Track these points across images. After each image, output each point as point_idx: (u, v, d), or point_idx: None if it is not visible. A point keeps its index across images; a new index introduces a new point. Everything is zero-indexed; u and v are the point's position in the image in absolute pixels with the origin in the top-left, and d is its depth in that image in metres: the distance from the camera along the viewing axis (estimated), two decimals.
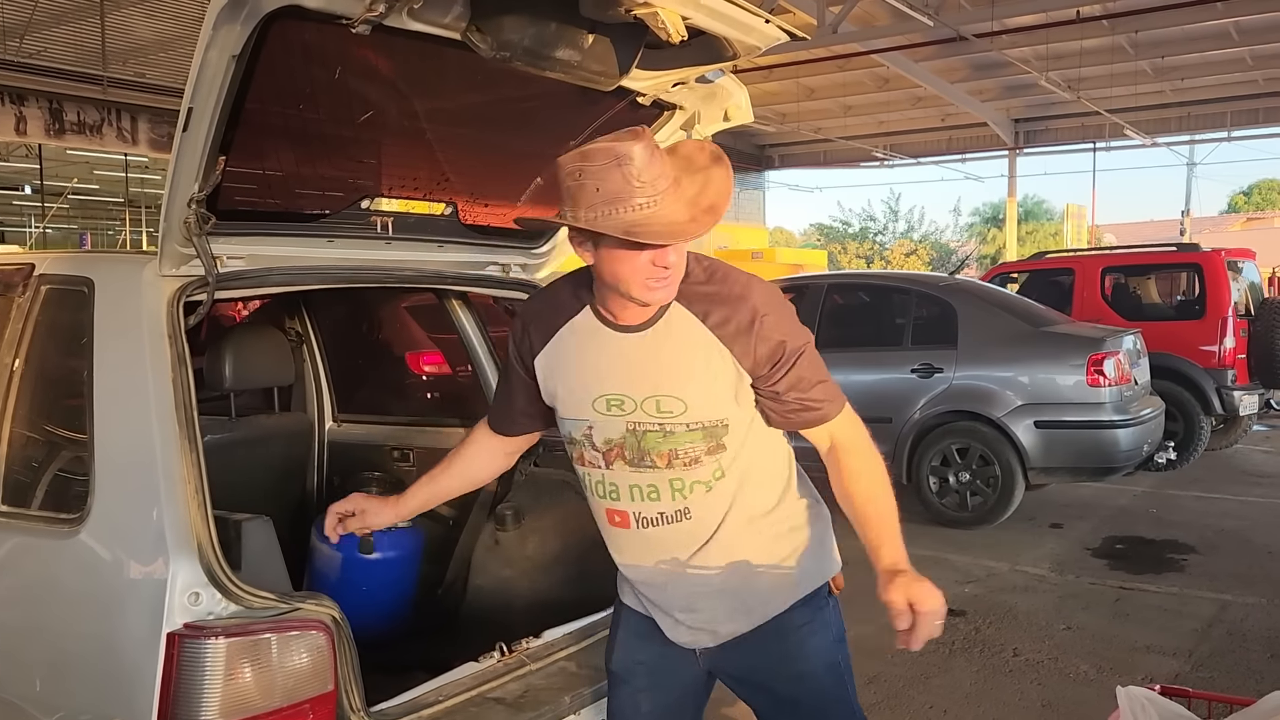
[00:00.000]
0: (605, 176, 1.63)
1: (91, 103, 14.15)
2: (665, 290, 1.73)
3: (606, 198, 1.63)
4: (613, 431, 1.83)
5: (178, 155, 1.86)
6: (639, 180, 1.62)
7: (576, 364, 1.86)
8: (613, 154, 1.63)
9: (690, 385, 1.78)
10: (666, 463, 1.81)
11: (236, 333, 3.19)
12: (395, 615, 3.11)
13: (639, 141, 1.64)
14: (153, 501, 1.83)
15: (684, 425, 1.79)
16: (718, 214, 1.71)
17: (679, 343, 1.79)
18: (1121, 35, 16.09)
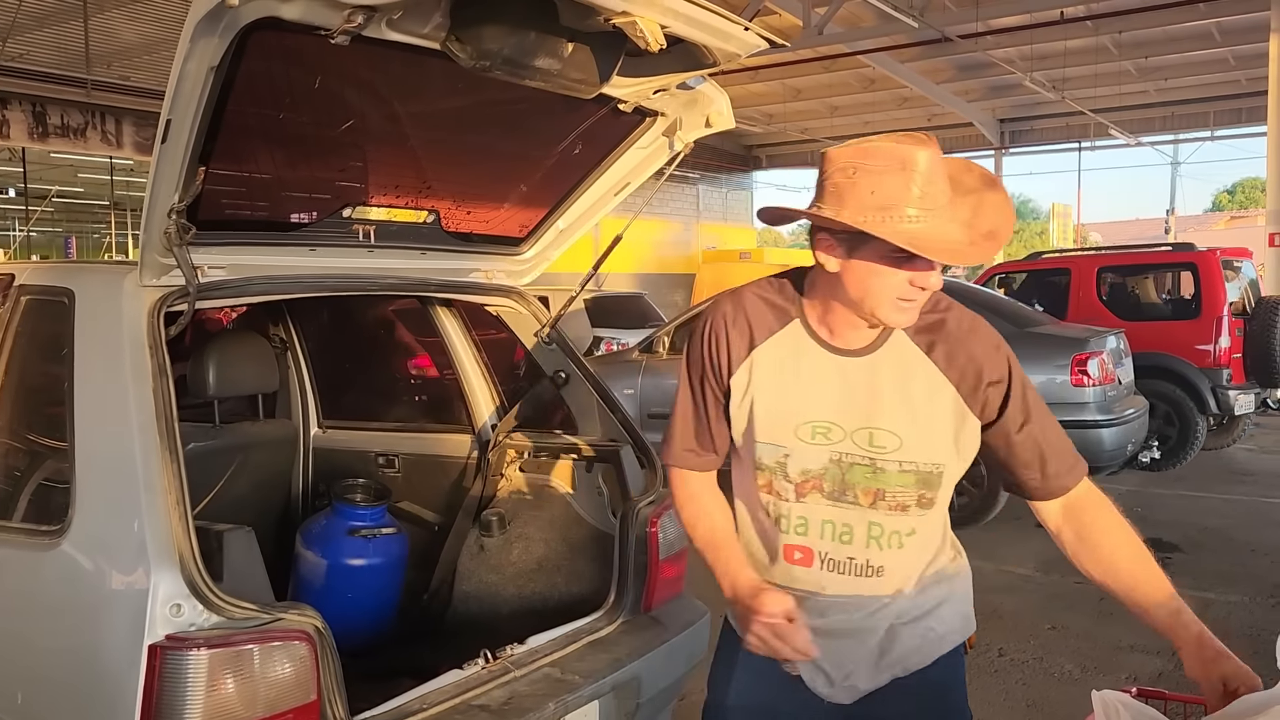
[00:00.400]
0: (883, 179, 1.47)
1: (75, 106, 14.09)
2: (911, 313, 1.57)
3: (881, 202, 1.46)
4: (813, 462, 1.64)
5: (157, 166, 1.86)
6: (919, 190, 1.46)
7: (778, 384, 1.65)
8: (897, 157, 1.47)
9: (910, 421, 1.61)
10: (871, 501, 1.63)
11: (220, 340, 3.18)
12: (380, 622, 3.12)
13: (925, 148, 1.48)
14: (134, 513, 1.82)
15: (896, 464, 1.61)
16: (998, 241, 1.53)
17: (901, 373, 1.62)
18: (1105, 36, 16.21)
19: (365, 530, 3.03)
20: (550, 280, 4.48)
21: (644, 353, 8.06)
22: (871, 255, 1.50)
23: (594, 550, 2.96)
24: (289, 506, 3.63)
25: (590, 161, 2.75)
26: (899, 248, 1.45)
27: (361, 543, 3.03)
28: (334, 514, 3.07)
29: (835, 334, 1.64)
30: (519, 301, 2.95)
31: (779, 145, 26.99)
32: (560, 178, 2.78)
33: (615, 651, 2.56)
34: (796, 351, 1.66)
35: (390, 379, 3.70)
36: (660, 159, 2.74)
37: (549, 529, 3.06)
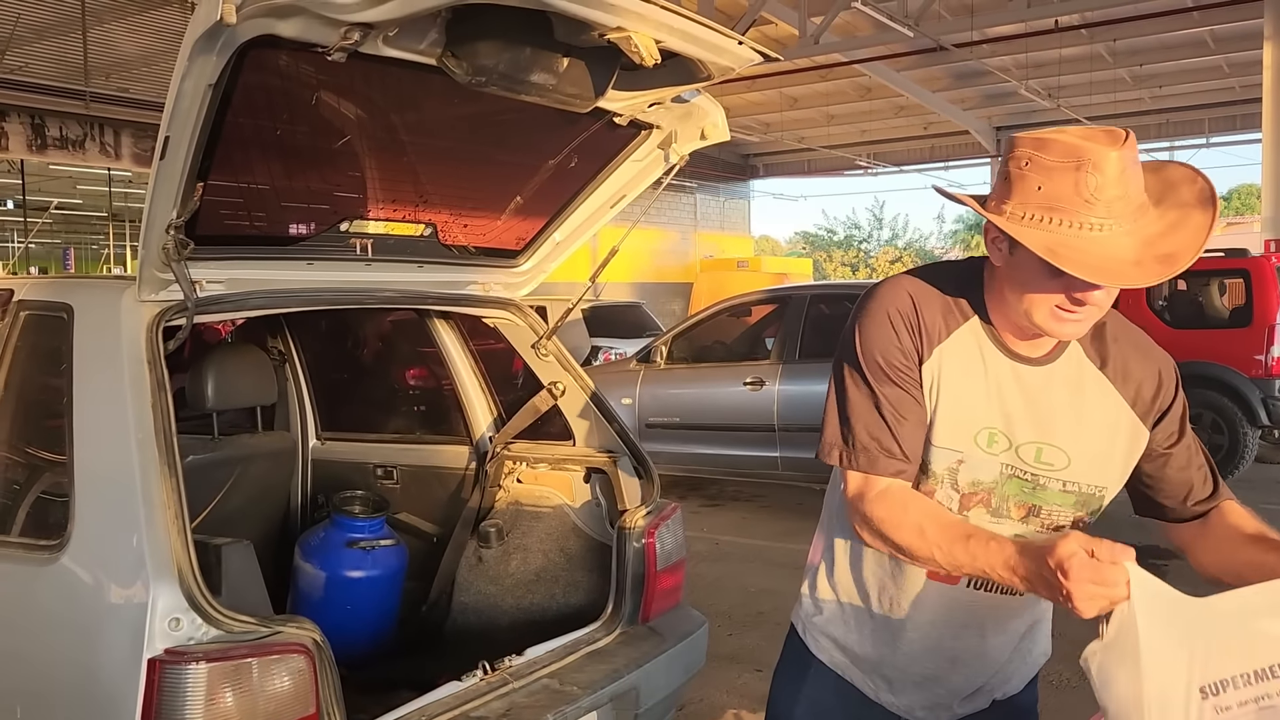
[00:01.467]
0: (1055, 175, 1.33)
1: (74, 118, 14.12)
2: (1076, 326, 1.43)
3: (1047, 201, 1.33)
4: (984, 473, 1.51)
5: (155, 182, 1.87)
6: (1094, 195, 1.31)
7: (965, 384, 1.51)
8: (1075, 153, 1.32)
9: (1081, 439, 1.51)
10: (1023, 516, 1.52)
11: (218, 352, 3.20)
12: (379, 634, 3.12)
13: (1114, 148, 1.32)
14: (133, 527, 1.83)
15: (1060, 483, 1.51)
16: (1174, 267, 1.33)
17: (1077, 388, 1.52)
18: (1100, 44, 16.28)
19: (364, 542, 3.04)
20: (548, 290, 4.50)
21: (642, 362, 8.07)
22: (1030, 257, 1.35)
23: (592, 561, 2.96)
24: (288, 518, 3.64)
25: (586, 174, 2.77)
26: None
27: (360, 555, 3.03)
28: (332, 526, 3.08)
29: (1011, 338, 1.51)
30: (516, 313, 2.96)
31: (776, 154, 27.07)
32: (557, 190, 2.80)
33: (613, 662, 2.57)
34: (977, 350, 1.52)
35: (388, 391, 3.71)
36: (656, 171, 2.76)
37: (547, 540, 3.07)
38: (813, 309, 7.81)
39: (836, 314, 8.24)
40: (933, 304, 1.52)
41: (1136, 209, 1.34)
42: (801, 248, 46.12)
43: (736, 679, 4.20)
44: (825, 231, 44.70)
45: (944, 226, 47.19)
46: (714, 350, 8.14)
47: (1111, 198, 1.32)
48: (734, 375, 7.52)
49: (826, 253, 43.12)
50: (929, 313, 1.51)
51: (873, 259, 41.31)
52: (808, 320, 7.66)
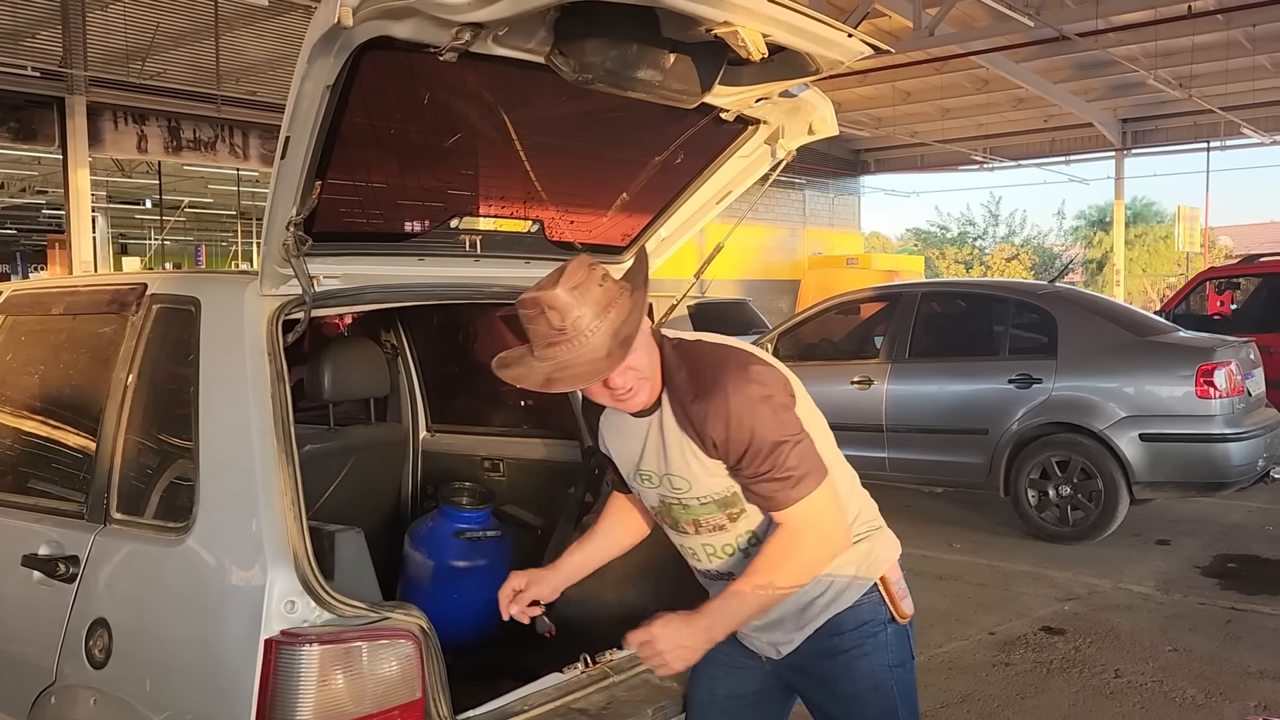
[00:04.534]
0: (535, 322, 1.79)
1: (206, 120, 14.83)
2: (634, 400, 1.90)
3: (541, 339, 1.79)
4: (651, 500, 2.07)
5: (276, 181, 1.95)
6: (560, 325, 1.76)
7: (618, 438, 2.08)
8: (535, 304, 1.78)
9: (685, 467, 1.93)
10: (694, 529, 2.03)
11: (335, 346, 3.30)
12: (483, 623, 3.17)
13: (555, 287, 1.76)
14: (252, 512, 1.91)
15: (696, 500, 1.97)
16: (629, 344, 1.77)
17: (669, 429, 1.93)
18: (1238, 29, 15.43)
19: (470, 533, 3.10)
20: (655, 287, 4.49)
21: None
22: None
23: None
24: (398, 508, 3.74)
25: (692, 170, 2.76)
26: None
27: (467, 545, 3.09)
28: (440, 516, 3.15)
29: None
30: None
31: (888, 149, 26.54)
32: (662, 186, 2.80)
33: None
34: (621, 415, 2.01)
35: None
36: (763, 167, 2.73)
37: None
38: (924, 307, 7.64)
39: (948, 312, 8.04)
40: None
41: (600, 310, 1.78)
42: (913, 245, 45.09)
43: None
44: (938, 228, 43.66)
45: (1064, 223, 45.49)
46: (821, 348, 8.04)
47: (573, 319, 1.76)
48: (842, 373, 7.40)
49: (939, 250, 42.08)
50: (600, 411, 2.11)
51: (988, 256, 40.12)
52: (918, 318, 7.49)
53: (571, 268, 1.79)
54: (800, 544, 1.90)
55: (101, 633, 2.15)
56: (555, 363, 1.78)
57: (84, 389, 2.63)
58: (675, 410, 1.92)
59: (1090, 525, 6.66)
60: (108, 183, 21.05)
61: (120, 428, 2.33)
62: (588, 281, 1.79)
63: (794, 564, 1.91)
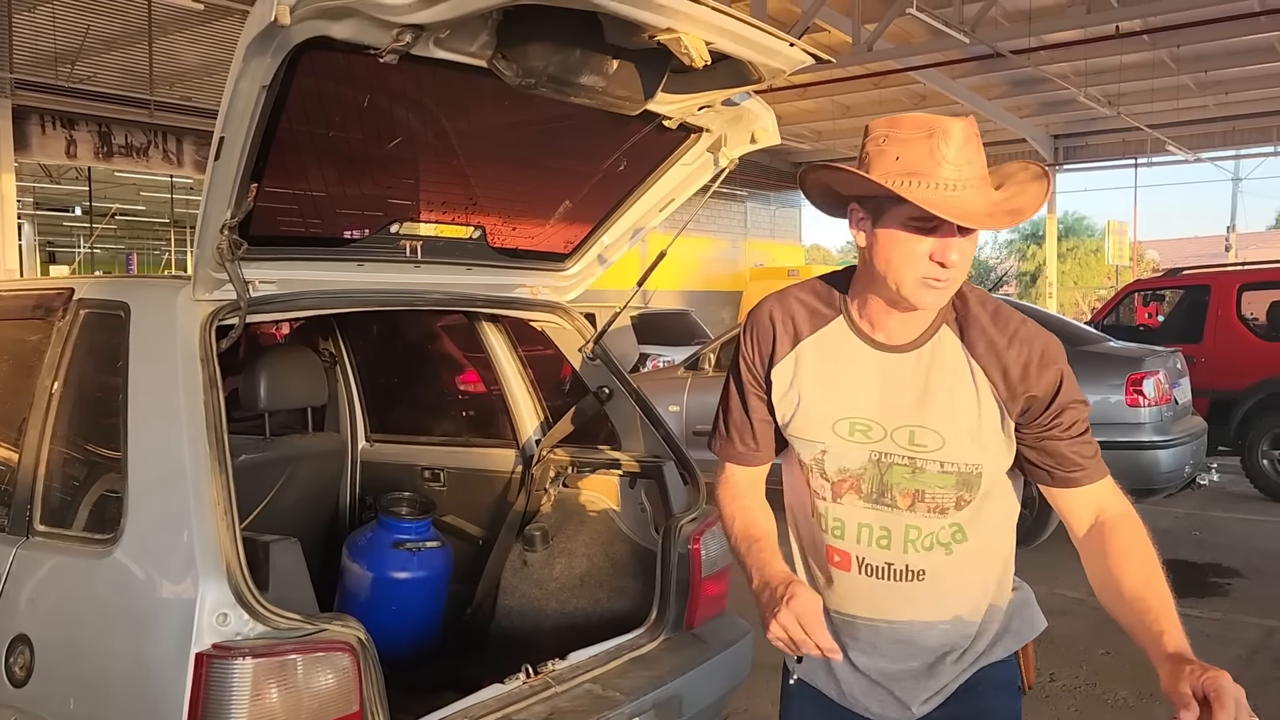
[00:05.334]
0: (910, 146, 1.47)
1: (139, 126, 14.47)
2: (938, 293, 1.52)
3: (905, 167, 1.46)
4: (850, 460, 1.61)
5: (210, 183, 1.90)
6: (945, 159, 1.45)
7: (819, 379, 1.64)
8: (925, 125, 1.47)
9: (952, 419, 1.57)
10: (910, 503, 1.59)
11: (271, 354, 3.24)
12: (424, 635, 3.13)
13: (960, 120, 1.48)
14: (183, 523, 1.86)
15: (937, 464, 1.58)
16: (1020, 217, 1.51)
17: (945, 371, 1.58)
18: (1163, 50, 15.91)
19: (410, 543, 3.06)
20: (597, 296, 4.50)
21: (689, 370, 8.06)
22: (893, 223, 1.49)
23: (637, 567, 2.95)
24: (336, 519, 3.67)
25: (635, 178, 2.76)
26: (918, 216, 1.45)
27: (406, 556, 3.05)
28: (380, 527, 3.10)
29: (878, 328, 1.61)
30: (563, 317, 2.96)
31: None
32: (605, 194, 2.80)
33: (657, 669, 2.55)
34: (840, 347, 1.64)
35: (436, 394, 3.74)
36: (705, 175, 2.75)
37: (592, 545, 3.06)
38: None
39: None
40: (790, 312, 1.68)
41: (981, 178, 1.48)
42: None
43: None
44: None
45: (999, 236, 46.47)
46: None
47: (958, 160, 1.46)
48: None
49: None
50: (783, 321, 1.67)
51: None
52: None
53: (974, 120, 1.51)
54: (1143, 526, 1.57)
55: (22, 649, 2.07)
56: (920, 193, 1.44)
57: (6, 397, 2.55)
58: (973, 347, 1.58)
59: (1025, 532, 6.78)
60: (34, 189, 20.44)
61: (45, 437, 2.25)
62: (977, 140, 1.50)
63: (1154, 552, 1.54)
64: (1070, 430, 1.57)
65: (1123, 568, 1.52)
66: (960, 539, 1.61)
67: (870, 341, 1.62)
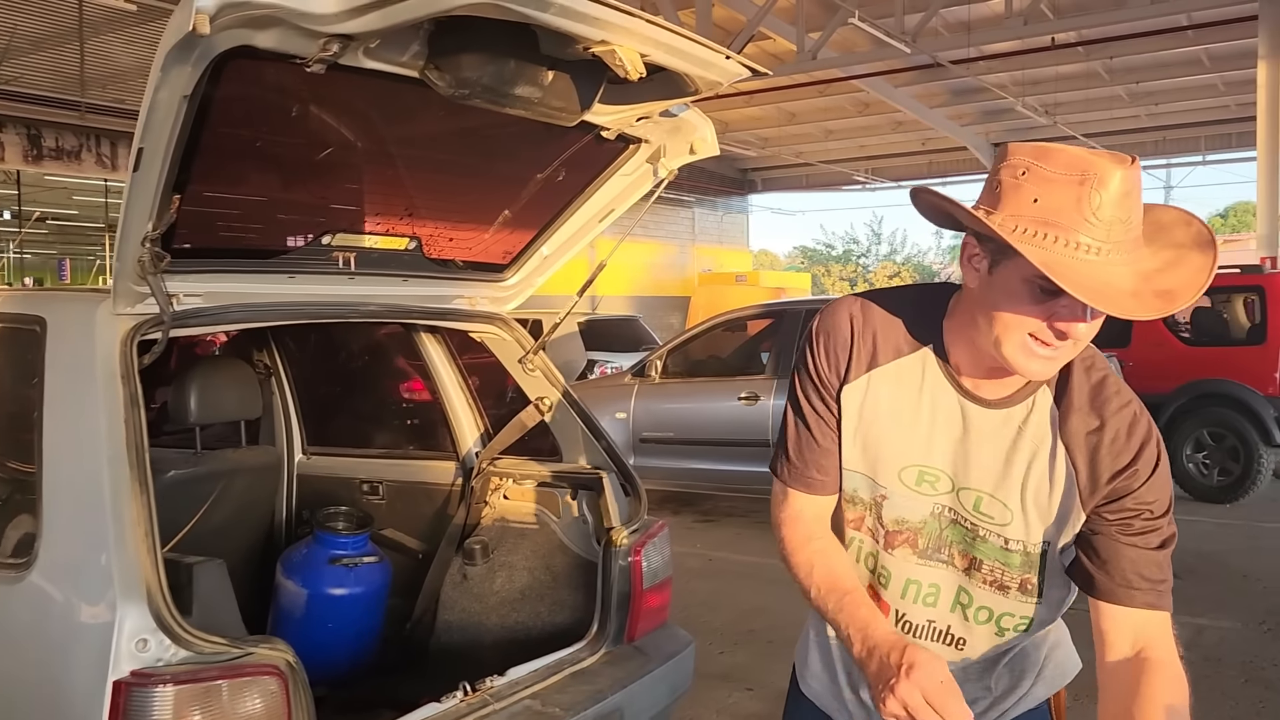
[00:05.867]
0: (1055, 189, 1.21)
1: (70, 129, 14.11)
2: (1045, 365, 1.29)
3: (1043, 214, 1.21)
4: (911, 512, 1.43)
5: (129, 194, 1.84)
6: (1095, 215, 1.19)
7: (894, 415, 1.43)
8: (1079, 166, 1.21)
9: (1024, 495, 1.38)
10: (966, 566, 1.43)
11: (202, 366, 3.16)
12: (361, 652, 3.08)
13: (1122, 167, 1.21)
14: (101, 545, 1.79)
15: (1001, 540, 1.40)
16: (1172, 304, 1.21)
17: (1031, 440, 1.38)
18: (1096, 61, 16.32)
19: (346, 559, 3.00)
20: (544, 303, 4.46)
21: (636, 377, 8.04)
22: (1012, 276, 1.25)
23: (578, 579, 2.92)
24: (272, 534, 3.59)
25: (574, 188, 2.74)
26: (1042, 274, 1.18)
27: (343, 572, 2.99)
28: (315, 542, 3.04)
29: (969, 374, 1.40)
30: (502, 328, 2.93)
31: (774, 169, 27.12)
32: (544, 205, 2.77)
33: (597, 683, 2.53)
34: (921, 384, 1.42)
35: (375, 405, 3.68)
36: (645, 185, 2.74)
37: (533, 557, 3.03)
38: (808, 323, 7.73)
39: None
40: (876, 327, 1.44)
41: (1134, 240, 1.22)
42: (800, 262, 46.17)
43: (727, 698, 4.15)
44: (824, 246, 44.81)
45: (943, 242, 47.26)
46: (709, 365, 8.12)
47: (1112, 219, 1.20)
48: (729, 390, 7.48)
49: (825, 267, 43.17)
50: (866, 335, 1.44)
51: (871, 274, 41.34)
52: (802, 334, 7.61)
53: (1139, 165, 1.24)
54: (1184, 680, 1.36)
55: None
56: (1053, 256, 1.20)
57: None
58: (1064, 422, 1.37)
59: None
60: None
61: None
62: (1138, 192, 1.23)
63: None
64: (1136, 538, 1.36)
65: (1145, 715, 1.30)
66: (1022, 629, 1.44)
67: (957, 385, 1.40)
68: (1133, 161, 1.22)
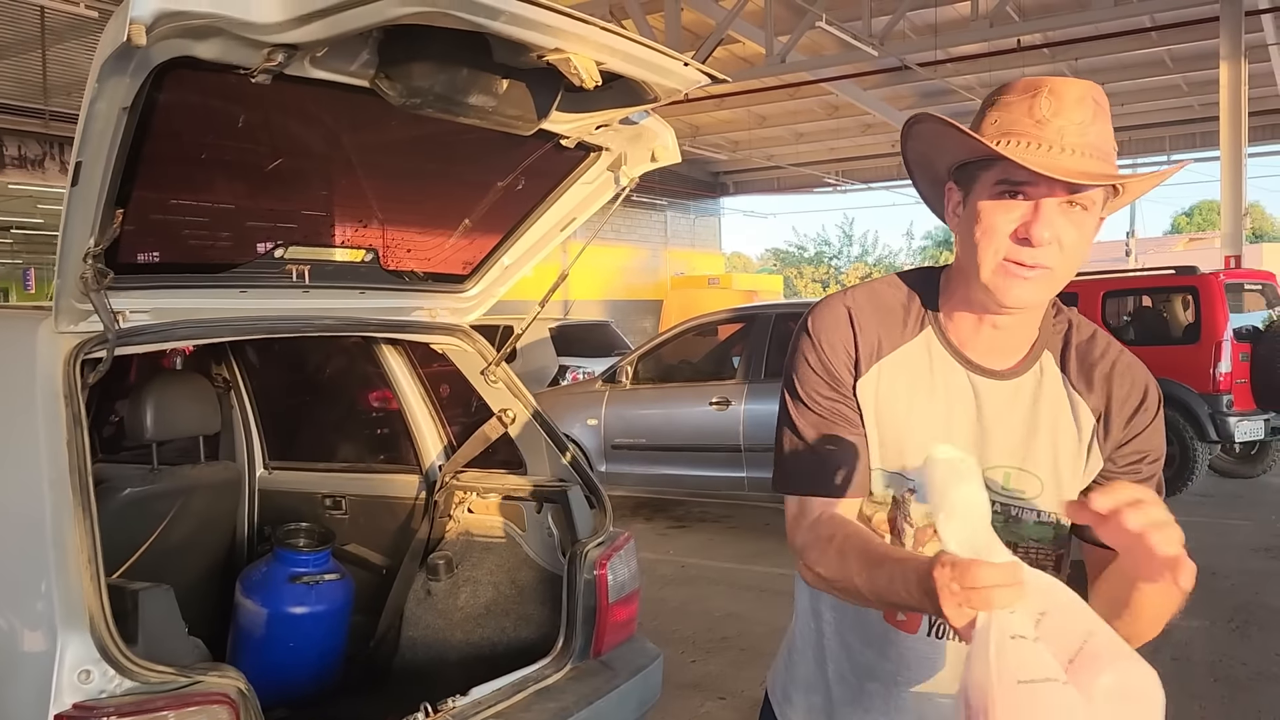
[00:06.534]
0: (1011, 106, 1.25)
1: (33, 136, 13.91)
2: (1023, 284, 1.24)
3: (1000, 129, 1.24)
4: None
5: (68, 210, 1.79)
6: (1045, 117, 1.21)
7: (910, 403, 1.37)
8: (1034, 84, 1.25)
9: (1054, 463, 1.34)
10: None
11: (158, 381, 3.09)
12: (323, 671, 3.02)
13: (1078, 82, 1.25)
14: (41, 572, 1.73)
15: (1035, 513, 1.35)
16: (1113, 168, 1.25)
17: (1049, 406, 1.35)
18: (1062, 62, 16.47)
19: (307, 577, 2.94)
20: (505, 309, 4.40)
21: (608, 383, 8.00)
22: (981, 194, 1.25)
23: (544, 593, 2.88)
24: (233, 552, 3.52)
25: (534, 197, 2.71)
26: (1004, 179, 1.21)
27: (303, 590, 2.93)
28: (275, 560, 2.98)
29: (973, 347, 1.36)
30: (464, 339, 2.88)
31: (745, 172, 27.19)
32: (504, 214, 2.73)
33: (562, 700, 2.48)
34: (928, 366, 1.37)
35: (337, 419, 3.63)
36: (606, 193, 2.70)
37: (498, 572, 2.98)
38: (778, 327, 7.77)
39: None
40: (875, 317, 1.39)
41: (1095, 149, 1.22)
42: (773, 264, 46.30)
43: (699, 708, 4.12)
44: (796, 248, 44.96)
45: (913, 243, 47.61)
46: (680, 370, 8.09)
47: (1064, 124, 1.20)
48: (700, 395, 7.46)
49: (797, 269, 43.31)
50: (867, 327, 1.38)
51: (843, 275, 41.53)
52: (773, 339, 7.61)
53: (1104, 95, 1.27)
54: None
55: None
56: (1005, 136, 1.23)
57: None
58: (1074, 379, 1.36)
59: None
60: None
61: None
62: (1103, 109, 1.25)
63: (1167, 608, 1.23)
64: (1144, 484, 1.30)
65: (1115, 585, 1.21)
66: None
67: (964, 361, 1.36)
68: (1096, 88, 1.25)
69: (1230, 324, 8.47)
